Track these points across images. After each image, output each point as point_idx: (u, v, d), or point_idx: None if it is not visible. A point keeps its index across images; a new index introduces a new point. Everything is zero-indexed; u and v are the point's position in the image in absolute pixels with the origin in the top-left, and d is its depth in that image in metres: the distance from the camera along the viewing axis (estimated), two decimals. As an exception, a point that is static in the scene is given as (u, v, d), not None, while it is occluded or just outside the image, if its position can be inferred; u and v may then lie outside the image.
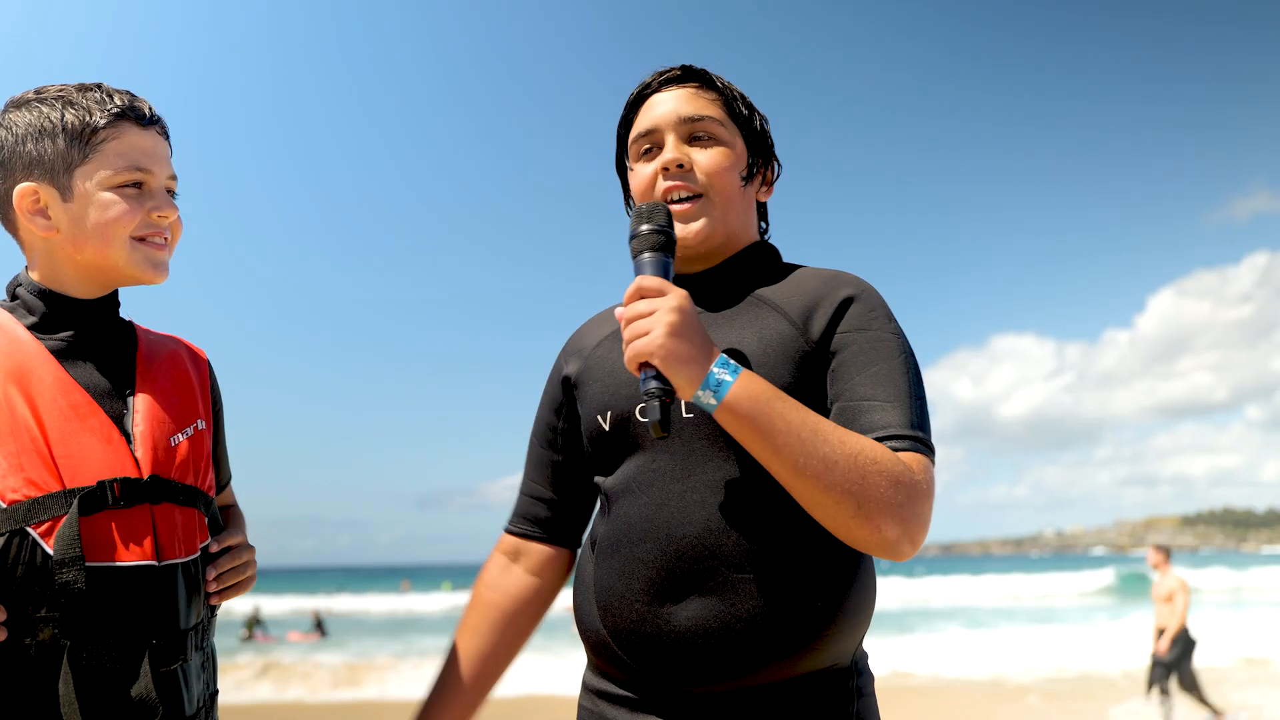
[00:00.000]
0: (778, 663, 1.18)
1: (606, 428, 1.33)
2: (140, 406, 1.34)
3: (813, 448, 1.12)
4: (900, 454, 1.17)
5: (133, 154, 1.33)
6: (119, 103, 1.33)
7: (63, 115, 1.31)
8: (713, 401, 1.14)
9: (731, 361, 1.17)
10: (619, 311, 1.20)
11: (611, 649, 1.26)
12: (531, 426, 1.53)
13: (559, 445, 1.48)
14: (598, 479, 1.38)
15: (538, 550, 1.49)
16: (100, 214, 1.32)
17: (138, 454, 1.29)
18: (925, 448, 1.20)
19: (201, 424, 1.41)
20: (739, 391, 1.14)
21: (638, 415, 1.30)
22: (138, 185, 1.34)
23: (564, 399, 1.47)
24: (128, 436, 1.30)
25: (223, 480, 1.56)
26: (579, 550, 1.48)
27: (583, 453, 1.44)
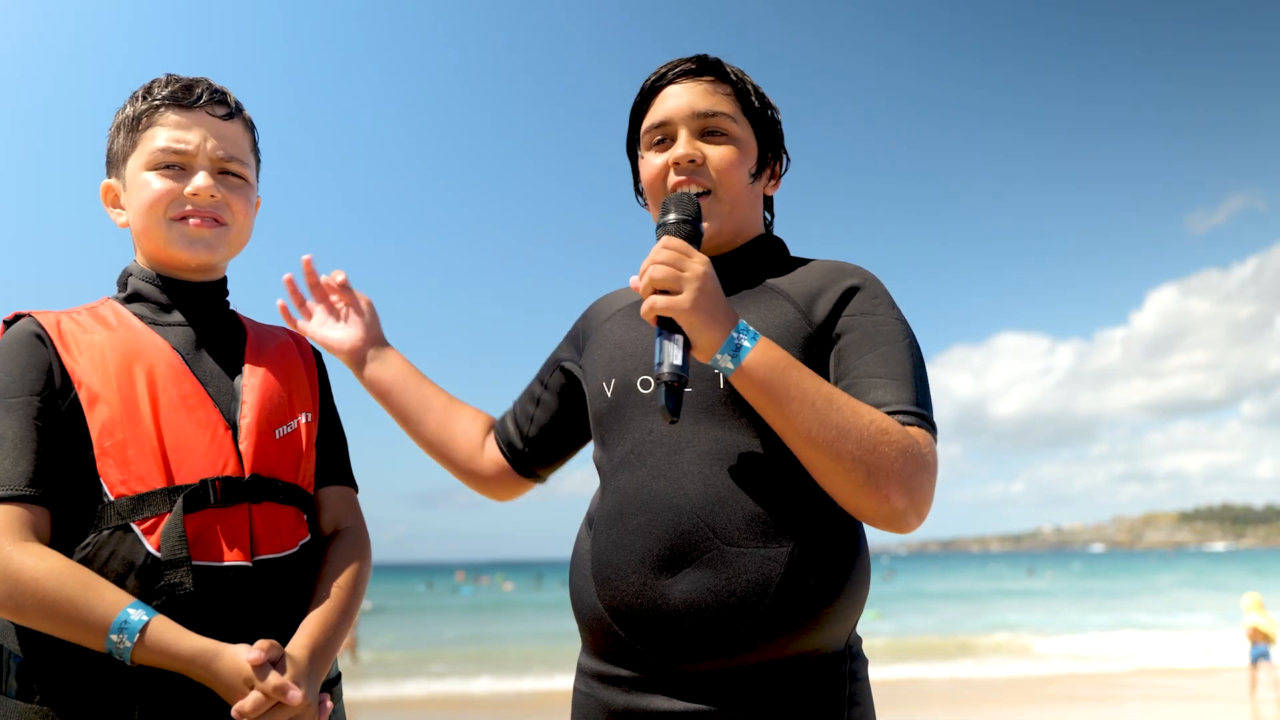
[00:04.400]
0: (770, 641, 1.18)
1: (609, 395, 1.34)
2: (248, 397, 1.33)
3: (826, 416, 1.14)
4: (907, 428, 1.19)
5: (168, 133, 1.33)
6: (167, 90, 1.35)
7: (126, 110, 1.37)
8: (730, 365, 1.16)
9: (751, 328, 1.18)
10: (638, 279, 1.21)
11: (608, 625, 1.24)
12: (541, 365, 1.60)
13: (559, 390, 1.54)
14: (596, 458, 1.39)
15: (498, 460, 1.59)
16: (138, 195, 1.34)
17: (242, 447, 1.28)
18: (929, 424, 1.22)
19: (308, 416, 1.40)
20: (757, 357, 1.16)
21: (638, 387, 1.32)
22: (177, 166, 1.33)
23: (570, 357, 1.53)
24: (234, 427, 1.29)
25: (330, 478, 1.43)
26: (512, 469, 1.58)
27: (572, 405, 1.53)
